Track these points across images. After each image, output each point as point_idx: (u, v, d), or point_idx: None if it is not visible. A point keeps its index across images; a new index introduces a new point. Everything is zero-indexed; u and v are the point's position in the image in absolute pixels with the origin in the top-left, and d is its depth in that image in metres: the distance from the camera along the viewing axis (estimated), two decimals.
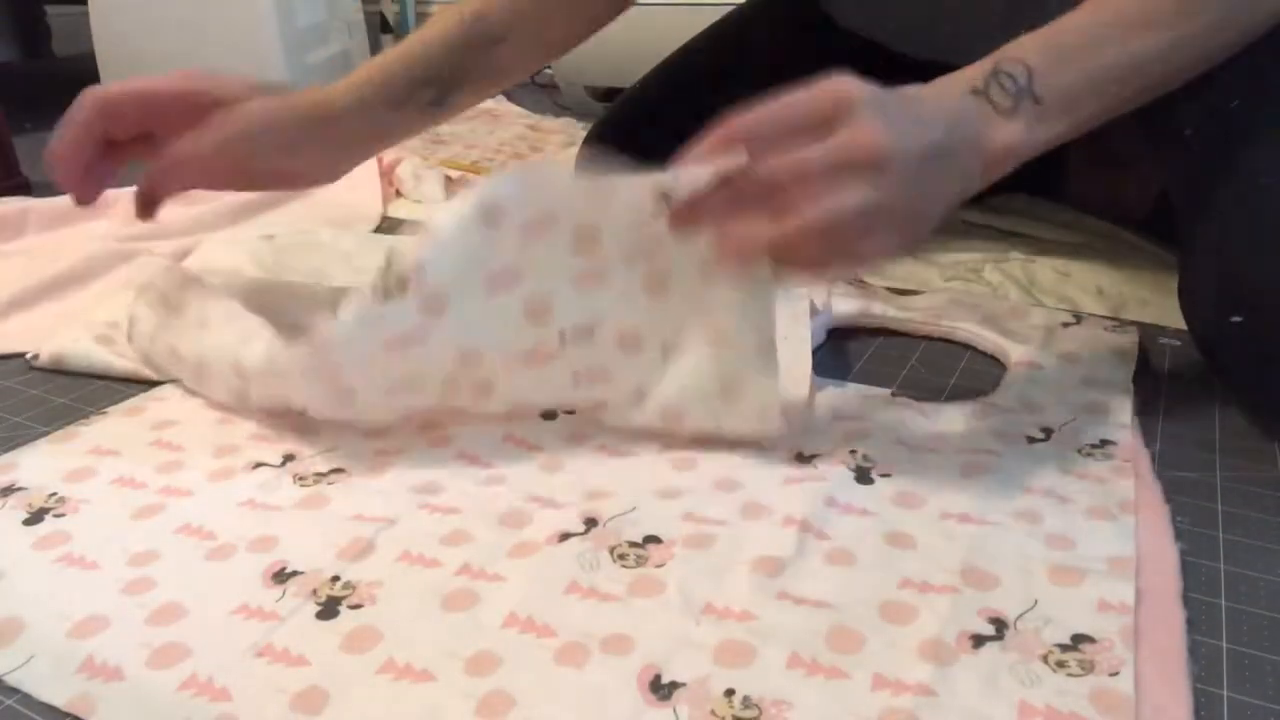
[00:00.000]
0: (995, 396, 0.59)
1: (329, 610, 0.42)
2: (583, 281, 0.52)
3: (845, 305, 0.70)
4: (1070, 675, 0.37)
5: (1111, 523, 0.46)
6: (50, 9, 2.18)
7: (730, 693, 0.36)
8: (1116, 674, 0.37)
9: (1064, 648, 0.38)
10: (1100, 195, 0.92)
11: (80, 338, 0.67)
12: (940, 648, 0.38)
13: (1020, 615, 0.40)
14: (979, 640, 0.39)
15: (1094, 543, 0.44)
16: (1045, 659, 0.38)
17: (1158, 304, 0.72)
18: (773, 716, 0.35)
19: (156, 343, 0.62)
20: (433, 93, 0.65)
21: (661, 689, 0.37)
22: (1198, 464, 0.52)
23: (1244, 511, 0.48)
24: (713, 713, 0.36)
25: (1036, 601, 0.41)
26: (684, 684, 0.37)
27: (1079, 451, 0.52)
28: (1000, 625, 0.39)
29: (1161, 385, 0.60)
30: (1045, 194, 0.94)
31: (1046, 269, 0.79)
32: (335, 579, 0.44)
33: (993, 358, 0.65)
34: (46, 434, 0.58)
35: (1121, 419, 0.55)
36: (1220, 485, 0.50)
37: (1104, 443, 0.53)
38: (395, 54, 0.65)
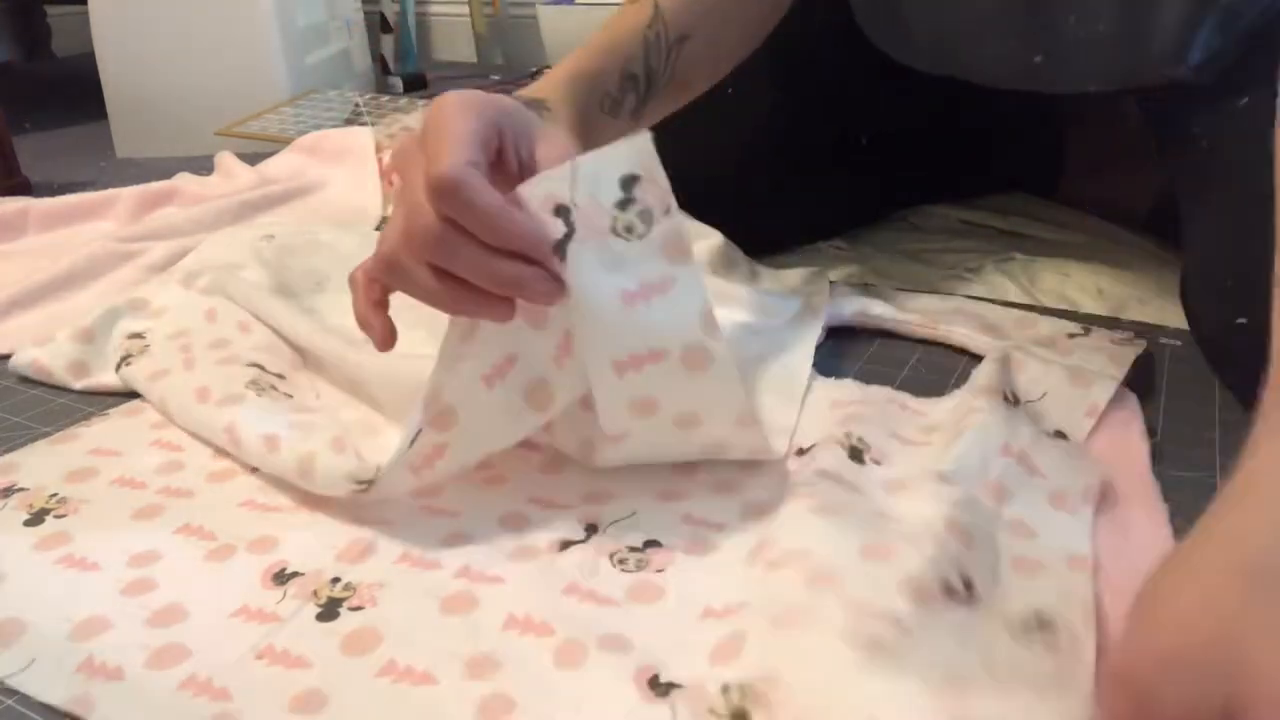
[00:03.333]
0: (981, 368, 0.58)
1: (329, 612, 0.42)
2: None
3: (845, 305, 0.70)
4: (1029, 647, 0.37)
5: (1071, 516, 0.46)
6: (50, 9, 2.18)
7: (726, 689, 0.37)
8: (1076, 653, 0.37)
9: (1027, 625, 0.38)
10: (1100, 195, 0.92)
11: (57, 350, 0.65)
12: (920, 587, 0.38)
13: (987, 587, 0.40)
14: (950, 591, 0.39)
15: (1052, 537, 0.44)
16: (1008, 629, 0.38)
17: (1158, 304, 0.72)
18: (764, 696, 0.35)
19: (153, 385, 0.60)
20: (634, 97, 0.58)
21: (659, 687, 0.37)
22: (1198, 463, 0.52)
23: None
24: (711, 710, 0.36)
25: (1000, 581, 0.41)
26: (680, 686, 0.37)
27: (1043, 431, 0.52)
28: (969, 587, 0.40)
29: (1161, 385, 0.60)
30: (1045, 194, 0.94)
31: (1046, 269, 0.79)
32: (335, 580, 0.44)
33: None
34: (46, 434, 0.58)
35: (1090, 405, 0.55)
36: (1221, 484, 0.50)
37: (1057, 434, 0.53)
38: (595, 51, 0.57)
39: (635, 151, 0.40)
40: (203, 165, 1.16)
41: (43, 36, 2.22)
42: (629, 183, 0.40)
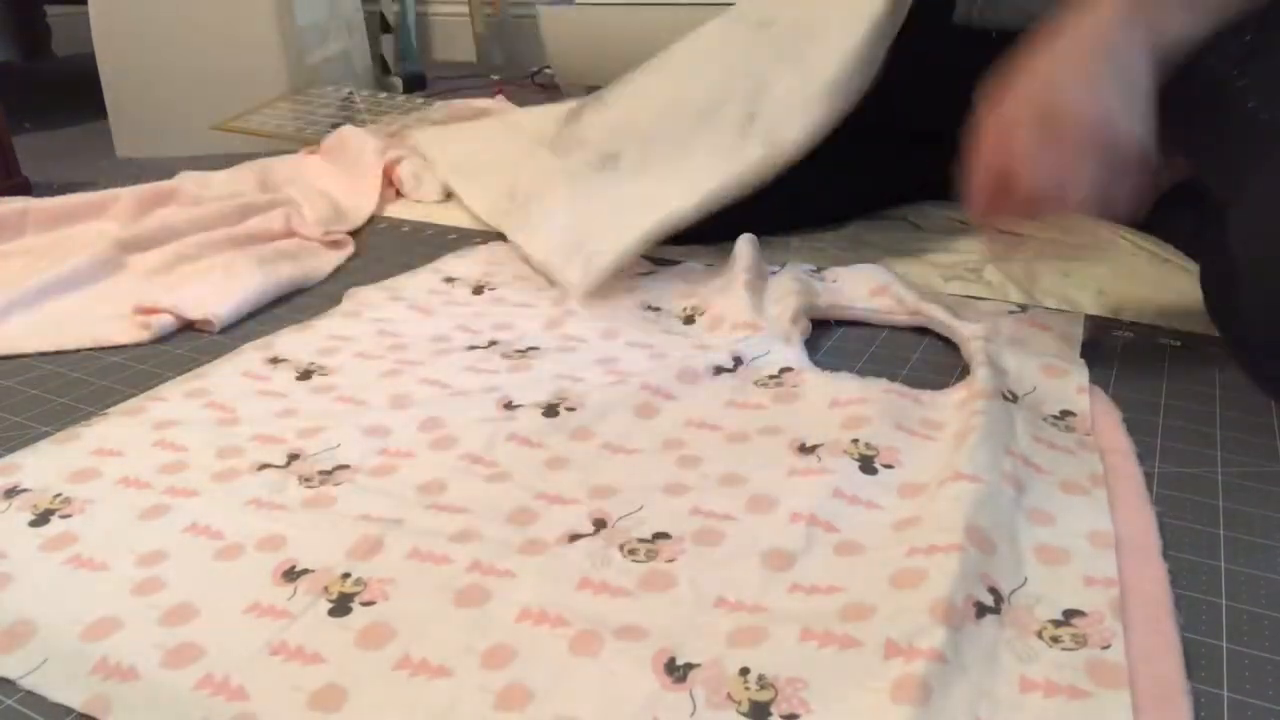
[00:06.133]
0: (974, 372, 0.59)
1: (341, 607, 0.42)
2: None
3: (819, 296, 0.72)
4: (1065, 649, 0.38)
5: (1085, 497, 0.47)
6: (50, 9, 2.18)
7: (745, 671, 0.37)
8: (1108, 647, 0.38)
9: (1057, 623, 0.39)
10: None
11: None
12: (951, 610, 0.38)
13: (1013, 591, 0.41)
14: (981, 609, 0.39)
15: (1072, 518, 0.46)
16: (1040, 634, 0.39)
17: (1158, 304, 0.72)
18: (787, 695, 0.36)
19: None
20: None
21: (677, 670, 0.37)
22: (1199, 460, 0.52)
23: (1245, 508, 0.48)
24: (729, 695, 0.36)
25: (1026, 579, 0.41)
26: (699, 665, 0.37)
27: (1044, 419, 0.54)
28: (998, 598, 0.40)
29: (1161, 383, 0.60)
30: None
31: (1046, 269, 0.79)
32: (346, 576, 0.44)
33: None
34: (46, 434, 0.58)
35: (1079, 384, 0.58)
36: (1221, 481, 0.50)
37: (1064, 414, 0.55)
38: None
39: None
40: (203, 165, 1.16)
41: (43, 36, 2.22)
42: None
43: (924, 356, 0.65)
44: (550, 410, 0.57)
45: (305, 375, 0.64)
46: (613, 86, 0.89)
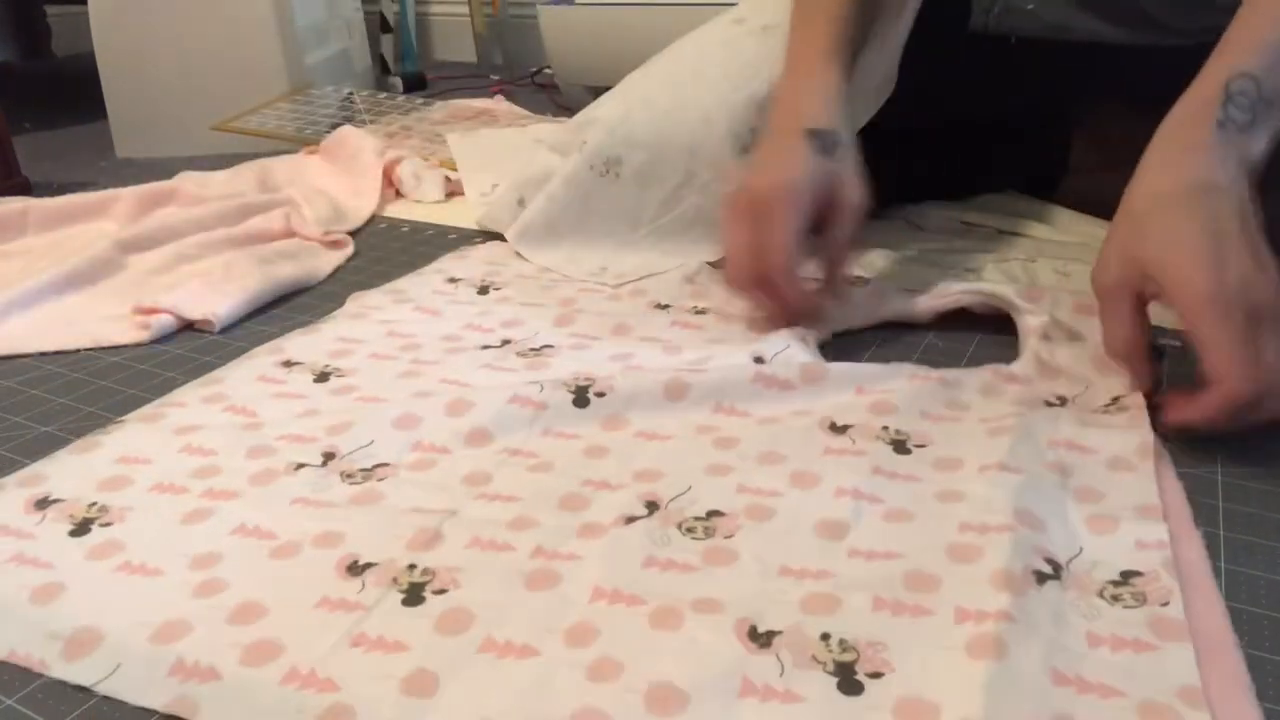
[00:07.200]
0: (1013, 366, 0.61)
1: (414, 597, 0.42)
2: None
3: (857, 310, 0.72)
4: (1126, 607, 0.40)
5: (1132, 473, 0.49)
6: (50, 9, 2.17)
7: (826, 636, 0.39)
8: (1167, 604, 0.40)
9: (1116, 584, 0.41)
10: (1100, 195, 0.92)
11: None
12: (1011, 578, 0.40)
13: (1070, 559, 0.43)
14: (1041, 577, 0.41)
15: (1121, 494, 0.47)
16: (1101, 594, 0.41)
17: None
18: (869, 656, 0.38)
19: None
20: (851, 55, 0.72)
21: (760, 637, 0.39)
22: (1199, 460, 0.52)
23: (1245, 508, 0.48)
24: (814, 657, 0.38)
25: (1082, 549, 0.43)
26: (780, 631, 0.39)
27: (1094, 412, 0.55)
28: (1055, 566, 0.42)
29: (1161, 384, 0.60)
30: (1045, 194, 0.94)
31: (1046, 269, 0.79)
32: (412, 567, 0.44)
33: (1006, 335, 0.67)
34: (47, 434, 0.58)
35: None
36: (1221, 481, 0.50)
37: (1116, 399, 0.56)
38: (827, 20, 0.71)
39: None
40: (203, 165, 1.16)
41: (43, 36, 2.21)
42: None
43: (925, 358, 0.66)
44: (580, 399, 0.57)
45: (322, 377, 0.64)
46: (614, 89, 0.89)
